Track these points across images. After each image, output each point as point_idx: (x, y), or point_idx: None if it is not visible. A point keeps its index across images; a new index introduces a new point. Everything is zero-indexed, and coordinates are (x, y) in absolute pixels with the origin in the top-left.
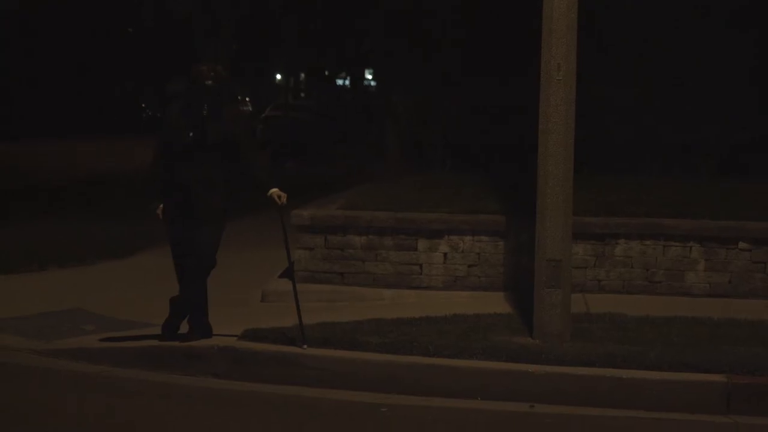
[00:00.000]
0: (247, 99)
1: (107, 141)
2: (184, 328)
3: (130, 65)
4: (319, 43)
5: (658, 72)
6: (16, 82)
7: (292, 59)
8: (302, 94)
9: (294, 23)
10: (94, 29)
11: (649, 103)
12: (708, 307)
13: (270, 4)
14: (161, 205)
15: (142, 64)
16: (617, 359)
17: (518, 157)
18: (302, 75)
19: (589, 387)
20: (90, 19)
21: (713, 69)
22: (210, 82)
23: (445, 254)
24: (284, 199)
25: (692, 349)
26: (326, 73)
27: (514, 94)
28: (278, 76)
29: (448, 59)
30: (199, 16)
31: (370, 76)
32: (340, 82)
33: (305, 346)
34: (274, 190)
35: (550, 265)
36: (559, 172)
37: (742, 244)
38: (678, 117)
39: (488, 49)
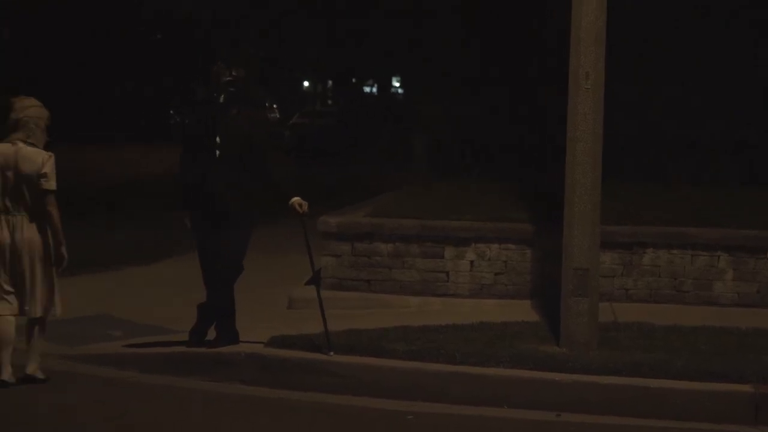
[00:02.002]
0: (275, 106)
1: (128, 148)
2: (211, 334)
3: (153, 73)
4: (344, 51)
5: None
6: (44, 89)
7: (318, 66)
8: (329, 101)
9: (320, 29)
10: (114, 38)
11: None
12: (736, 316)
13: (295, 11)
14: (189, 213)
15: (165, 71)
16: (644, 368)
17: (545, 164)
18: (330, 82)
19: (616, 396)
20: (110, 26)
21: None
22: (228, 78)
23: (471, 262)
24: (305, 208)
25: (720, 359)
26: (353, 80)
27: (540, 101)
28: (306, 83)
29: (473, 67)
30: (223, 24)
31: (397, 84)
32: (367, 89)
33: (331, 353)
34: (296, 198)
35: (577, 273)
36: (586, 181)
37: None
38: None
39: (513, 57)
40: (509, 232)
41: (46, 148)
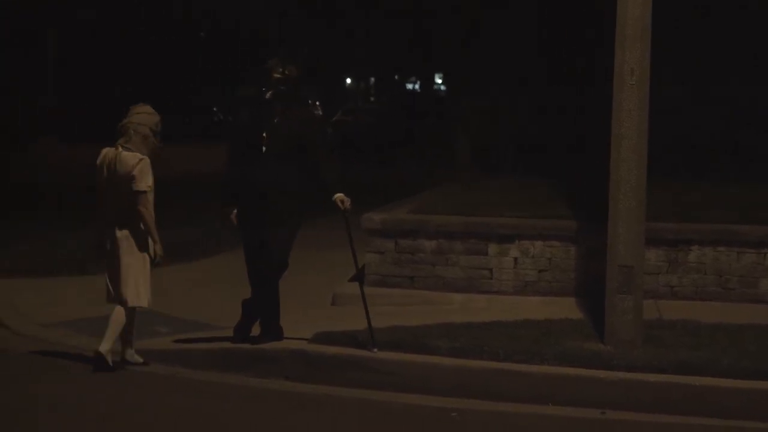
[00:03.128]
0: (318, 103)
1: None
2: (255, 330)
3: (200, 72)
4: (390, 48)
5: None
6: (87, 87)
7: (362, 63)
8: (372, 98)
9: (366, 28)
10: (165, 37)
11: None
12: None
13: (341, 9)
14: (235, 210)
15: (213, 71)
16: (689, 366)
17: (589, 160)
18: (372, 79)
19: (661, 394)
20: (161, 25)
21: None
22: (279, 76)
23: (515, 259)
24: (348, 204)
25: (766, 357)
26: (396, 77)
27: (586, 98)
28: (348, 81)
29: (518, 65)
30: (273, 25)
31: (440, 80)
32: (410, 86)
33: (375, 350)
34: (339, 195)
35: (622, 270)
36: (631, 178)
37: None
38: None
39: (561, 54)
40: (553, 229)
41: (156, 152)
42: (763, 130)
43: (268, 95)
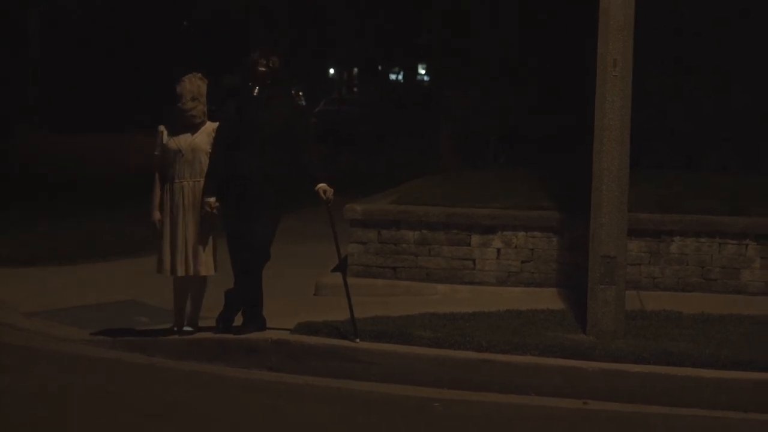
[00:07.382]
0: (300, 93)
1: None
2: (238, 320)
3: (183, 60)
4: (374, 37)
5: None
6: (75, 78)
7: (345, 53)
8: (355, 89)
9: (350, 17)
10: (148, 24)
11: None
12: (764, 305)
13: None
14: (213, 199)
15: (197, 59)
16: (671, 357)
17: (572, 151)
18: (355, 70)
19: (643, 384)
20: (144, 14)
21: (746, 52)
22: (263, 69)
23: (498, 250)
24: (330, 194)
25: (747, 348)
26: (379, 68)
27: (569, 88)
28: (331, 71)
29: (502, 55)
30: (255, 14)
31: (423, 71)
32: (393, 76)
33: (358, 340)
34: (322, 185)
35: (604, 261)
36: (614, 168)
37: None
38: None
39: (544, 44)
40: (536, 220)
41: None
42: (756, 120)
43: (255, 91)
